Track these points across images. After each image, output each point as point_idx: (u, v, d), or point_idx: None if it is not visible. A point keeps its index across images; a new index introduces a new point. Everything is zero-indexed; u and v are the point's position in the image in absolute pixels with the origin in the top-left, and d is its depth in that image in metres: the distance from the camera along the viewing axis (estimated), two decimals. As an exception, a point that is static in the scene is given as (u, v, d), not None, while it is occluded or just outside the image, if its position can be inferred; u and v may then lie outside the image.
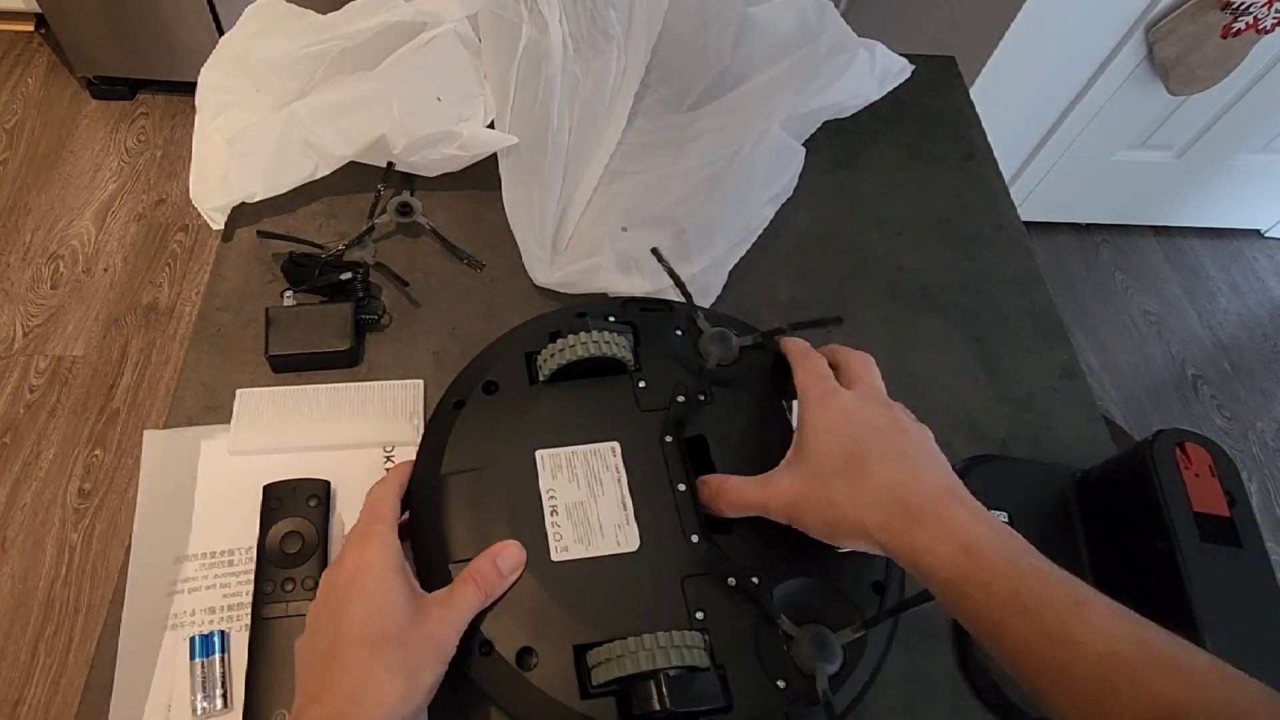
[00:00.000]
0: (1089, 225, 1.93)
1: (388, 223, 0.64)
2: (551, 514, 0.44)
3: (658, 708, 0.37)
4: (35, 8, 1.78)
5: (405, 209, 0.63)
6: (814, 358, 0.47)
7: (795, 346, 0.49)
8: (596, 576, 0.42)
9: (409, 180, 0.66)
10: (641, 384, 0.48)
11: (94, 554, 1.29)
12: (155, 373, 1.47)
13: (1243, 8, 1.29)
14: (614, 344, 0.47)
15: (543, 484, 0.44)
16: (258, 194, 0.61)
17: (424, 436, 0.48)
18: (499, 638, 0.40)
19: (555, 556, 0.42)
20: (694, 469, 0.46)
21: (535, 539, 0.43)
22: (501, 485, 0.44)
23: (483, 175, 0.65)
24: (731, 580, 0.42)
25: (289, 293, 0.59)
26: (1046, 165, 1.64)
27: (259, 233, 0.62)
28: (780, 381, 0.49)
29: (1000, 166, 0.77)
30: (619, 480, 0.45)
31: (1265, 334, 1.83)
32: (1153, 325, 1.81)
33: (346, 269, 0.59)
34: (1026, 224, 0.78)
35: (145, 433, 0.53)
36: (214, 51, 0.64)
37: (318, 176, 0.62)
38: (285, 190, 0.62)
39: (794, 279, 0.67)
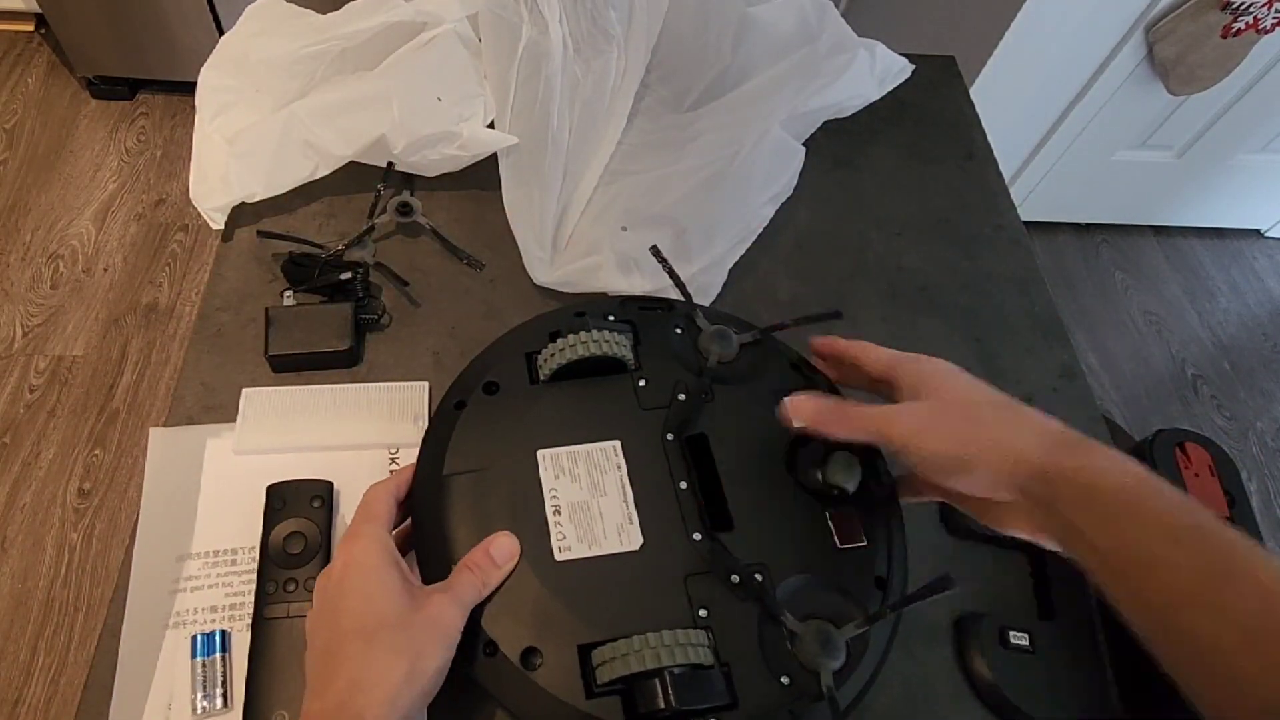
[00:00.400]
0: (1089, 225, 1.93)
1: (388, 223, 0.64)
2: (554, 514, 0.44)
3: (663, 706, 0.37)
4: (35, 8, 1.78)
5: (405, 209, 0.63)
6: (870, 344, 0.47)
7: (842, 344, 0.48)
8: (600, 576, 0.42)
9: (409, 180, 0.66)
10: (642, 383, 0.48)
11: (94, 554, 1.29)
12: (155, 373, 1.47)
13: (1243, 8, 1.29)
14: (614, 343, 0.47)
15: (545, 484, 0.44)
16: (258, 194, 0.61)
17: (425, 438, 0.48)
18: (503, 638, 0.40)
19: (558, 556, 0.42)
20: (695, 467, 0.46)
21: (538, 539, 0.43)
22: (503, 486, 0.44)
23: (483, 175, 0.65)
24: (734, 577, 0.42)
25: (289, 293, 0.59)
26: (1046, 165, 1.64)
27: (259, 233, 0.62)
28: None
29: (1000, 166, 0.77)
30: (621, 479, 0.45)
31: (1265, 334, 1.83)
32: (1153, 325, 1.81)
33: (346, 269, 0.59)
34: (1026, 224, 0.78)
35: (151, 430, 0.53)
36: (214, 51, 0.64)
37: (318, 176, 0.63)
38: (285, 190, 0.62)
39: (794, 278, 0.67)
